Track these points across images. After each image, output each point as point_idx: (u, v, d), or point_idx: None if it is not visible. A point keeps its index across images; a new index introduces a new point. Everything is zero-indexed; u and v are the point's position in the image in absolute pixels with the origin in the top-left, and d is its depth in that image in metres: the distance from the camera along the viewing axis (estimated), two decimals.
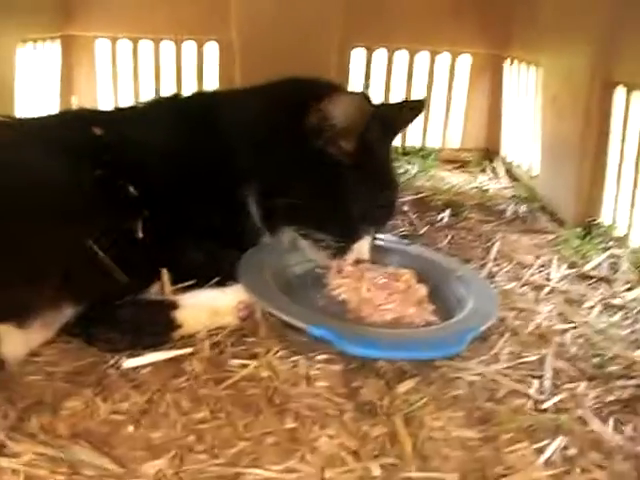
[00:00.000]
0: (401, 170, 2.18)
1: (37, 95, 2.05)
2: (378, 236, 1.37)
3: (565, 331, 1.21)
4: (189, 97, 1.43)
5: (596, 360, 1.12)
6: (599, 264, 1.50)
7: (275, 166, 1.24)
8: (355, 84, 2.33)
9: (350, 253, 1.25)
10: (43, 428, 0.87)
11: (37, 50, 2.03)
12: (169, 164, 1.24)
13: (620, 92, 1.59)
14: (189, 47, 2.26)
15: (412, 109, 1.46)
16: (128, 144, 1.22)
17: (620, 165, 1.60)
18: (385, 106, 1.51)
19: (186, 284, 1.18)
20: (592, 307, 1.31)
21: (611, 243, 1.60)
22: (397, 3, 2.26)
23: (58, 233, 1.01)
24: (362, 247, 1.25)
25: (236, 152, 1.26)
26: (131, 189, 1.16)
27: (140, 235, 1.14)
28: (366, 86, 2.31)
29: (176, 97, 1.43)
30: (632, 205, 1.55)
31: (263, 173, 1.24)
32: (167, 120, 1.32)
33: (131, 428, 0.89)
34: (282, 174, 1.24)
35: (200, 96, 1.45)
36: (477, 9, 2.27)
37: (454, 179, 2.19)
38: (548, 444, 0.90)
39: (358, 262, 1.26)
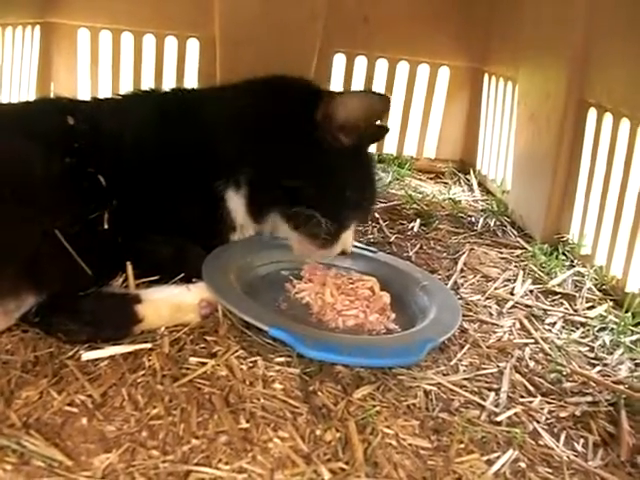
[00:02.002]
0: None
1: (14, 80, 2.03)
2: None
3: (525, 345, 1.22)
4: (166, 92, 1.43)
5: (553, 375, 1.13)
6: (564, 281, 1.52)
7: (277, 151, 1.27)
8: (335, 89, 2.34)
9: (337, 244, 1.29)
10: None
11: (17, 35, 2.01)
12: (141, 157, 1.23)
13: (592, 113, 1.61)
14: (171, 42, 2.26)
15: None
16: (101, 134, 1.22)
17: (589, 185, 1.62)
18: None
19: (150, 279, 1.18)
20: (554, 323, 1.33)
21: (577, 261, 1.62)
22: (379, 12, 2.28)
23: (21, 220, 1.01)
24: (347, 239, 1.31)
25: (220, 144, 1.27)
26: (100, 179, 1.15)
27: (106, 226, 1.13)
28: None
29: (153, 91, 1.42)
30: (598, 225, 1.57)
31: (259, 159, 1.27)
32: (143, 113, 1.32)
33: (84, 421, 0.88)
34: (283, 158, 1.27)
35: (177, 92, 1.44)
36: (457, 23, 2.30)
37: (428, 189, 2.20)
38: (499, 456, 0.91)
39: (342, 254, 1.31)
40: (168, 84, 2.25)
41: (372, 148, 2.34)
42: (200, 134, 1.29)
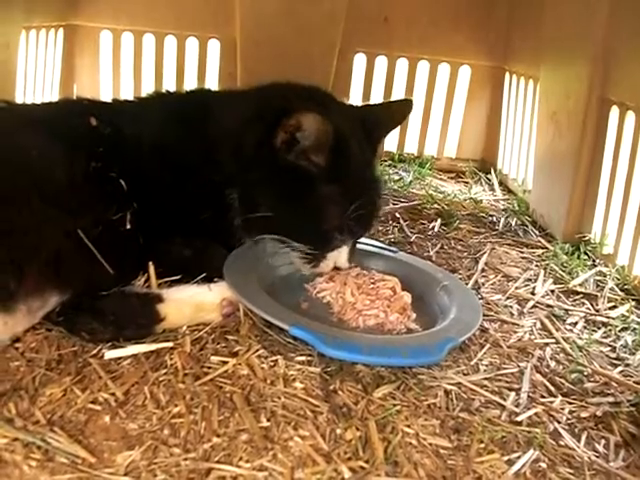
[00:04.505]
0: (396, 177, 2.20)
1: (38, 82, 2.06)
2: (367, 241, 1.38)
3: (546, 345, 1.22)
4: (184, 95, 1.44)
5: (574, 376, 1.13)
6: (585, 281, 1.51)
7: (250, 178, 1.23)
8: (356, 89, 2.34)
9: (326, 261, 1.24)
10: (20, 414, 0.88)
11: (41, 37, 2.04)
12: (161, 159, 1.24)
13: (614, 112, 1.60)
14: (192, 43, 2.28)
15: (400, 110, 1.43)
16: (122, 137, 1.24)
17: (611, 184, 1.61)
18: (372, 107, 1.48)
19: (172, 278, 1.19)
20: (575, 323, 1.32)
21: (599, 260, 1.61)
22: (399, 12, 2.28)
23: (45, 220, 1.02)
24: (340, 256, 1.25)
25: (221, 156, 1.26)
26: (121, 182, 1.17)
27: (128, 227, 1.14)
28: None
29: (172, 94, 1.44)
30: (621, 224, 1.56)
31: (241, 183, 1.24)
32: (161, 116, 1.33)
33: (107, 418, 0.90)
34: (256, 186, 1.23)
35: (195, 94, 1.45)
36: (478, 21, 2.30)
37: (448, 188, 2.20)
38: (519, 456, 0.91)
39: (337, 269, 1.26)
40: (189, 84, 2.27)
41: (392, 147, 2.37)
42: (209, 142, 1.28)
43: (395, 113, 1.42)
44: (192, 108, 1.35)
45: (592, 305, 1.40)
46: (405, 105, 1.45)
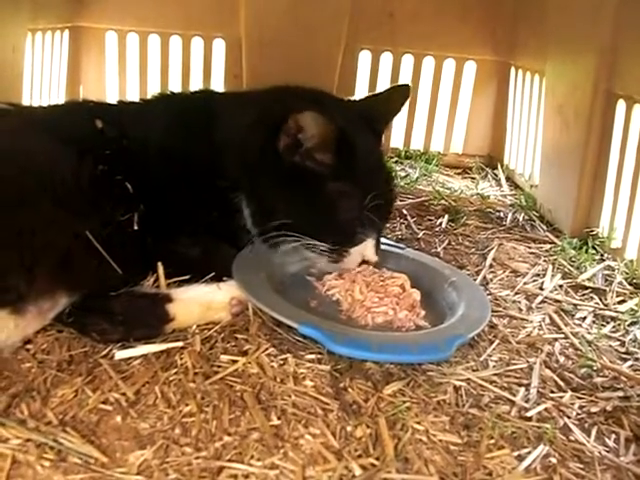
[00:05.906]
0: (403, 174, 2.20)
1: (44, 84, 2.07)
2: None
3: (555, 340, 1.22)
4: (188, 96, 1.45)
5: (583, 371, 1.13)
6: (594, 275, 1.51)
7: (258, 183, 1.24)
8: (362, 86, 2.34)
9: (350, 257, 1.24)
10: (32, 415, 0.89)
11: (46, 39, 2.04)
12: (167, 161, 1.25)
13: (621, 105, 1.59)
14: (197, 43, 2.28)
15: (399, 97, 1.43)
16: (127, 139, 1.24)
17: (618, 178, 1.60)
18: (371, 98, 1.47)
19: (181, 278, 1.20)
20: (584, 318, 1.32)
21: (607, 255, 1.61)
22: (404, 7, 2.28)
23: (54, 222, 1.03)
24: (366, 249, 1.25)
25: (227, 160, 1.26)
26: (128, 185, 1.17)
27: (136, 227, 1.15)
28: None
29: (176, 95, 1.44)
30: (628, 217, 1.55)
31: (248, 187, 1.25)
32: (165, 118, 1.33)
33: (119, 418, 0.90)
34: (266, 192, 1.23)
35: (199, 96, 1.45)
36: (483, 16, 2.29)
37: (455, 184, 2.20)
38: (529, 452, 0.91)
39: (365, 263, 1.26)
40: (195, 84, 2.28)
41: (399, 143, 2.37)
42: (214, 144, 1.28)
43: (394, 101, 1.43)
44: (196, 110, 1.36)
45: (601, 299, 1.40)
46: (402, 90, 1.46)
